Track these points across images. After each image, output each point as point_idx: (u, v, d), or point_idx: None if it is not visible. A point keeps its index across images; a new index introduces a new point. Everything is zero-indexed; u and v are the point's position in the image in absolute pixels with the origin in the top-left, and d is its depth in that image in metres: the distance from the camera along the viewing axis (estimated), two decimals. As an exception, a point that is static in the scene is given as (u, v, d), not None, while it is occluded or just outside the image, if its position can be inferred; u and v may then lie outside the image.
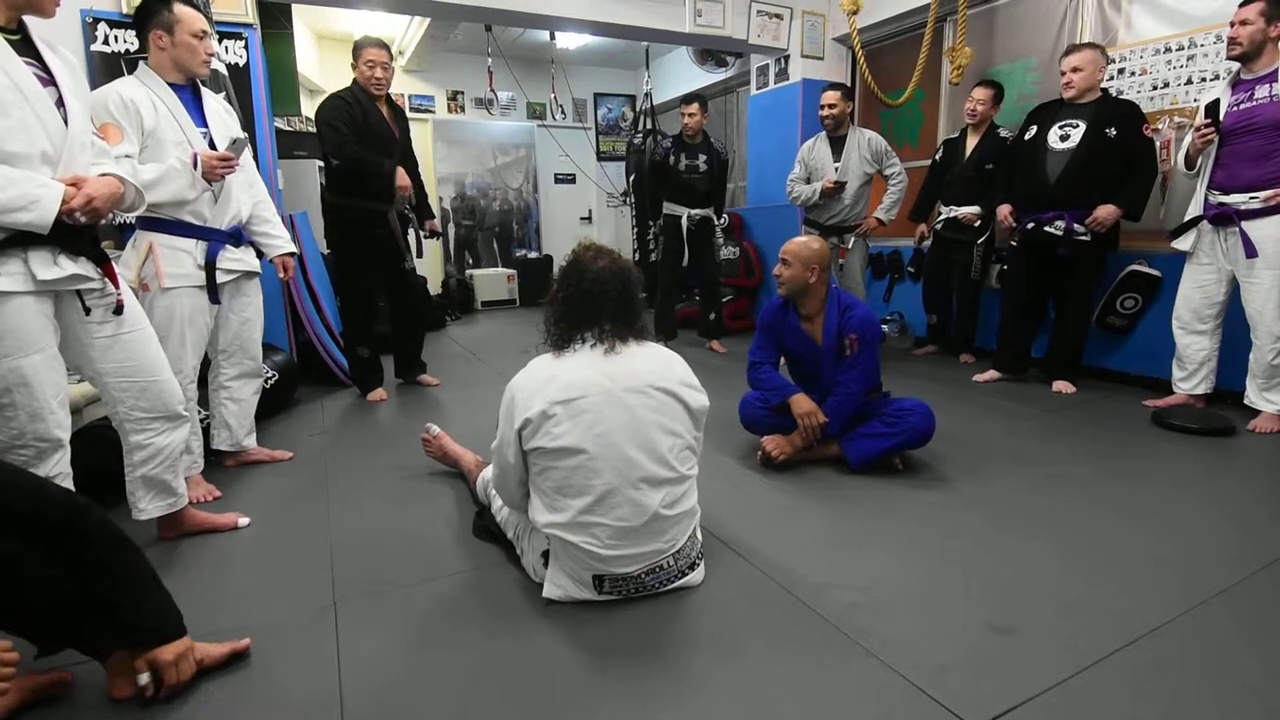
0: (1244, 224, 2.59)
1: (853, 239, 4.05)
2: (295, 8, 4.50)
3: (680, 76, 7.00)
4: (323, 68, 6.38)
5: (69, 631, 1.18)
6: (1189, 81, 3.22)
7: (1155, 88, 3.34)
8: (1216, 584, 1.56)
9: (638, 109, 6.80)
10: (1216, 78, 3.10)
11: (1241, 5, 2.59)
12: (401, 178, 3.22)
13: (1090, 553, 1.73)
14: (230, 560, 1.79)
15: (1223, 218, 2.66)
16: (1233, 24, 2.59)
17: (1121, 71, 3.46)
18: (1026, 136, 3.29)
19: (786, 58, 5.05)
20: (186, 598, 1.31)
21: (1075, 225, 3.09)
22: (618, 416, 1.44)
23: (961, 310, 4.06)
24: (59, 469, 1.55)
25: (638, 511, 1.44)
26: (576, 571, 1.49)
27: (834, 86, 3.98)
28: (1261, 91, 2.56)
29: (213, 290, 2.16)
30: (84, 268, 1.57)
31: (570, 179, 7.73)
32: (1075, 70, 3.07)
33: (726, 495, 2.13)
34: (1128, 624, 1.41)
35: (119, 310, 1.65)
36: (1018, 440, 2.63)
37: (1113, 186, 3.05)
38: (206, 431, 2.36)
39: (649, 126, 5.80)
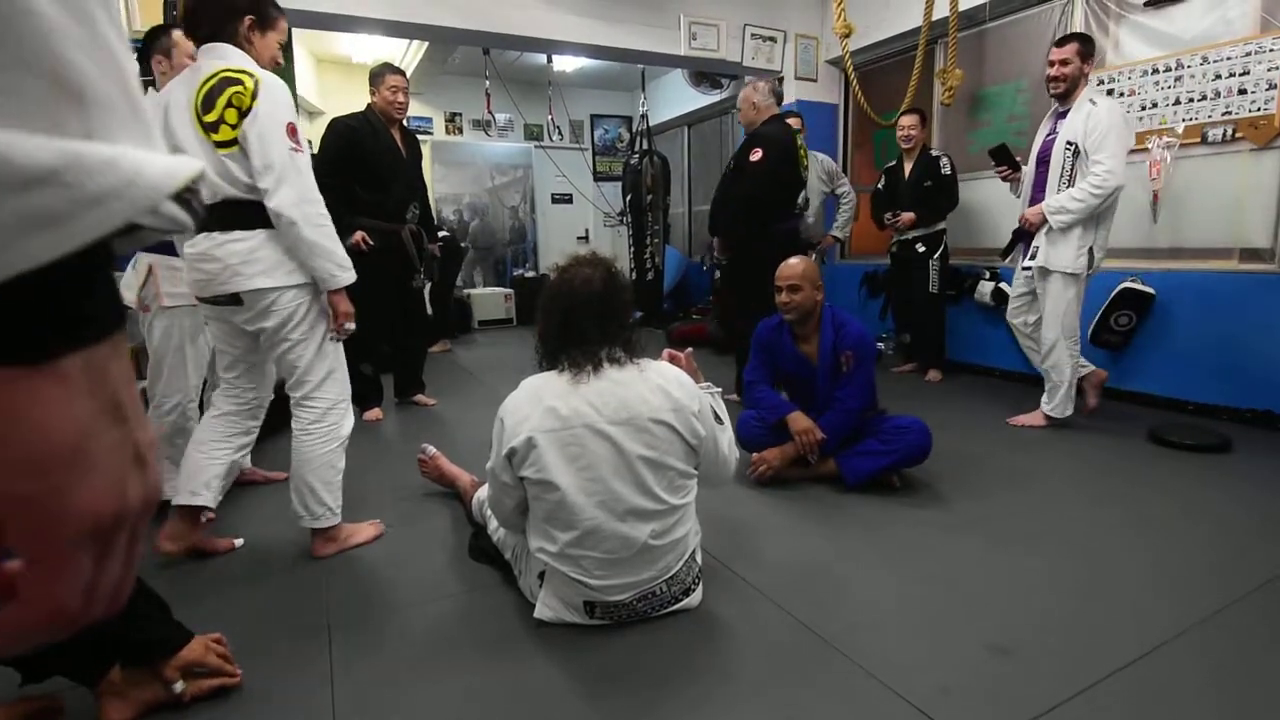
0: (1035, 241, 2.95)
1: (813, 255, 4.10)
2: (294, 31, 4.56)
3: (675, 98, 7.08)
4: (321, 90, 6.43)
5: (56, 660, 1.16)
6: (1177, 102, 3.26)
7: (1144, 108, 3.39)
8: (1215, 602, 1.55)
9: (634, 130, 6.87)
10: (1204, 98, 3.15)
11: (1058, 45, 2.87)
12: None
13: (1088, 571, 1.72)
14: (223, 582, 1.78)
15: (1025, 234, 3.03)
16: (1053, 63, 2.86)
17: (1110, 93, 3.50)
18: None
19: (781, 80, 5.11)
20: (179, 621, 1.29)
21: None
22: (603, 450, 1.39)
23: (928, 326, 4.12)
24: None
25: (625, 544, 1.41)
26: (568, 596, 1.47)
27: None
28: (1060, 125, 2.88)
29: None
30: None
31: (567, 199, 7.79)
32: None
33: (723, 514, 2.11)
34: (1126, 644, 1.40)
35: None
36: (1014, 457, 2.63)
37: None
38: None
39: (645, 147, 5.87)
